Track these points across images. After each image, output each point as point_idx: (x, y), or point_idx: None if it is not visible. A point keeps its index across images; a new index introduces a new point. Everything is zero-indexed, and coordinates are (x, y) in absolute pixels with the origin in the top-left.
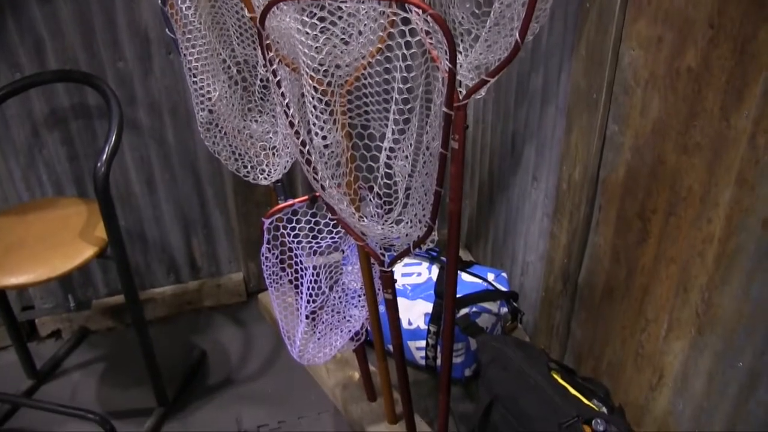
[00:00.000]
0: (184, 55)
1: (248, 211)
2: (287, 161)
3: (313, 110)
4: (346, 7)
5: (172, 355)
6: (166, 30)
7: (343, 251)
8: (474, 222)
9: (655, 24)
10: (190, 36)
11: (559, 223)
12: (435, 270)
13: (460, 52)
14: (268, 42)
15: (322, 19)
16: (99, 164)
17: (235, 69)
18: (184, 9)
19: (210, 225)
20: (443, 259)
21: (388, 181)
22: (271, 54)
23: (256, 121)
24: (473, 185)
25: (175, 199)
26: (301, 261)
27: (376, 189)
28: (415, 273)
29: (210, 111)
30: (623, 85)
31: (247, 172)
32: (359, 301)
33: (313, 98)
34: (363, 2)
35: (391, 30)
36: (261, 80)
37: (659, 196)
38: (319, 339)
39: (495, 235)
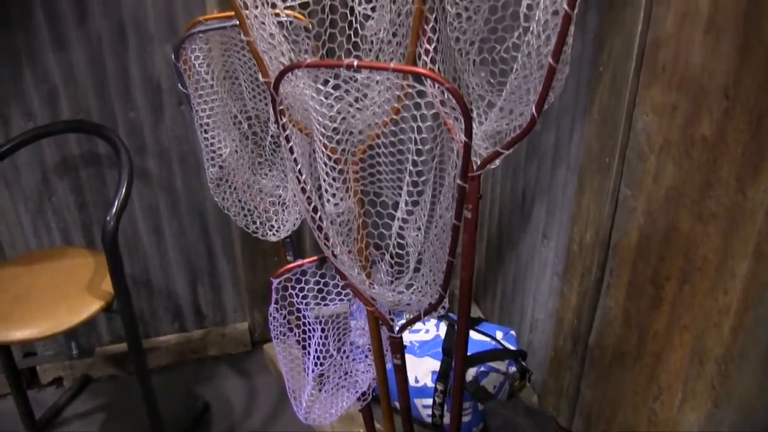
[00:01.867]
0: (196, 111)
1: (255, 261)
2: (297, 218)
3: (326, 177)
4: (360, 76)
5: (175, 405)
6: (179, 85)
7: (350, 303)
8: (482, 275)
9: (669, 91)
10: (202, 92)
11: (569, 284)
12: (443, 327)
13: (474, 119)
14: (281, 107)
15: (336, 87)
16: (108, 218)
17: (246, 124)
18: (197, 65)
19: (216, 274)
20: (451, 316)
21: (400, 251)
22: (284, 120)
23: (266, 175)
24: (482, 239)
25: (182, 247)
26: (309, 322)
27: (387, 256)
28: (423, 330)
29: (220, 167)
30: (636, 150)
31: (256, 228)
32: (367, 358)
33: (326, 165)
34: (378, 73)
35: (406, 102)
36: (272, 136)
37: (673, 263)
38: (325, 399)
39: (503, 290)
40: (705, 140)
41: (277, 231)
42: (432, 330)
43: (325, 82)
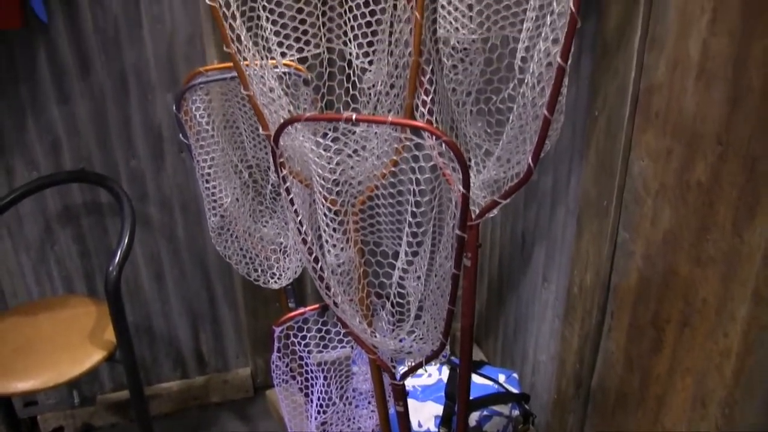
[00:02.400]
0: (197, 161)
1: (257, 308)
2: (298, 266)
3: (326, 228)
4: (359, 129)
5: None
6: (180, 135)
7: (352, 347)
8: (484, 317)
9: (663, 136)
10: (203, 143)
11: (570, 327)
12: (445, 371)
13: (472, 168)
14: (281, 160)
15: (335, 140)
16: (111, 268)
17: (247, 173)
18: (198, 116)
19: (218, 320)
20: (453, 359)
21: (401, 299)
22: (284, 172)
23: (267, 223)
24: (482, 281)
25: (184, 294)
26: (311, 369)
27: (388, 305)
28: (425, 374)
29: (222, 216)
30: (633, 194)
31: (258, 276)
32: (370, 404)
33: (326, 216)
34: (377, 126)
35: (404, 153)
36: (272, 184)
37: (673, 306)
38: None
39: (505, 332)
40: (700, 185)
41: (278, 278)
42: (434, 374)
43: (324, 135)
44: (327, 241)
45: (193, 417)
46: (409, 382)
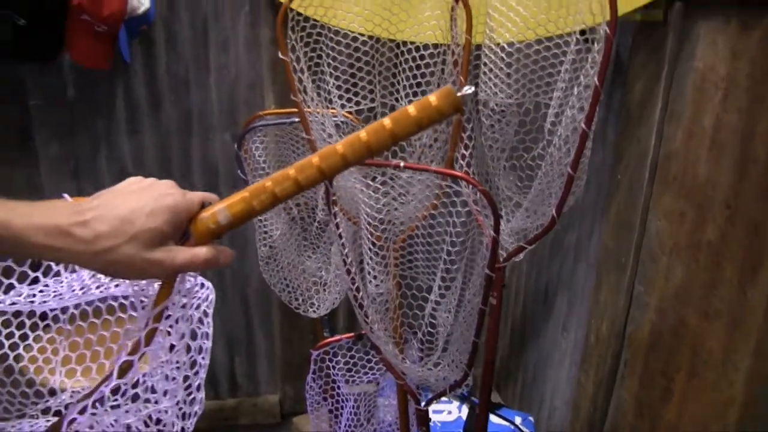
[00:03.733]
0: None
1: (291, 337)
2: (336, 298)
3: (370, 260)
4: (404, 175)
5: None
6: (239, 171)
7: (378, 383)
8: (505, 363)
9: (678, 199)
10: (259, 179)
11: (586, 374)
12: (464, 410)
13: (502, 217)
14: (334, 198)
15: (383, 183)
16: None
17: (296, 210)
18: (257, 155)
19: (253, 346)
20: (473, 399)
21: (432, 330)
22: (335, 209)
23: (310, 257)
24: (506, 327)
25: (223, 319)
26: (342, 393)
27: (419, 334)
28: (445, 411)
29: (270, 247)
30: (650, 252)
31: (299, 304)
32: None
33: (370, 250)
34: (421, 173)
35: (444, 199)
36: (318, 221)
37: (682, 356)
38: None
39: (524, 378)
40: (710, 244)
41: (317, 308)
42: (454, 411)
43: (374, 178)
44: (369, 273)
45: None
46: (431, 418)
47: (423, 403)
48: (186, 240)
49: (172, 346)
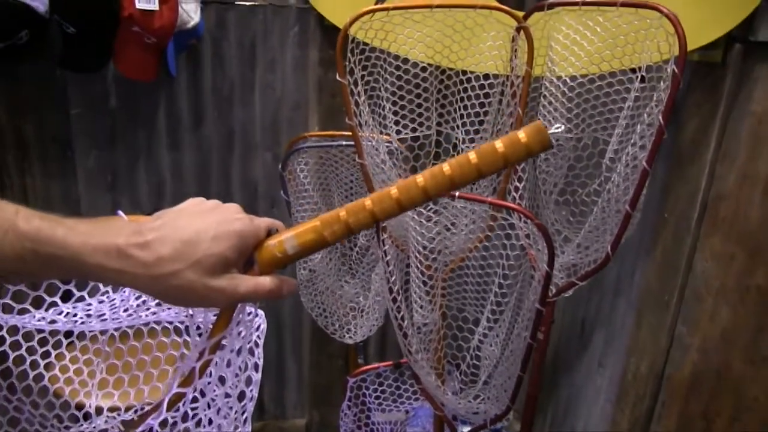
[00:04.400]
0: (294, 216)
1: (321, 362)
2: (373, 324)
3: (418, 290)
4: (458, 204)
5: None
6: (281, 192)
7: (407, 412)
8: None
9: (728, 241)
10: (302, 201)
11: (621, 412)
12: None
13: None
14: (383, 224)
15: (435, 212)
16: None
17: None
18: (301, 176)
19: (283, 369)
20: None
21: (477, 362)
22: (384, 236)
23: (348, 282)
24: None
25: None
26: (377, 422)
27: (463, 366)
28: None
29: (311, 270)
30: (694, 292)
31: (335, 329)
32: None
33: (418, 279)
34: (475, 203)
35: (496, 231)
36: (359, 247)
37: (724, 400)
38: None
39: (555, 412)
40: (759, 289)
41: (353, 334)
42: None
43: (426, 207)
44: (416, 302)
45: None
46: None
47: None
48: (250, 268)
49: (223, 378)
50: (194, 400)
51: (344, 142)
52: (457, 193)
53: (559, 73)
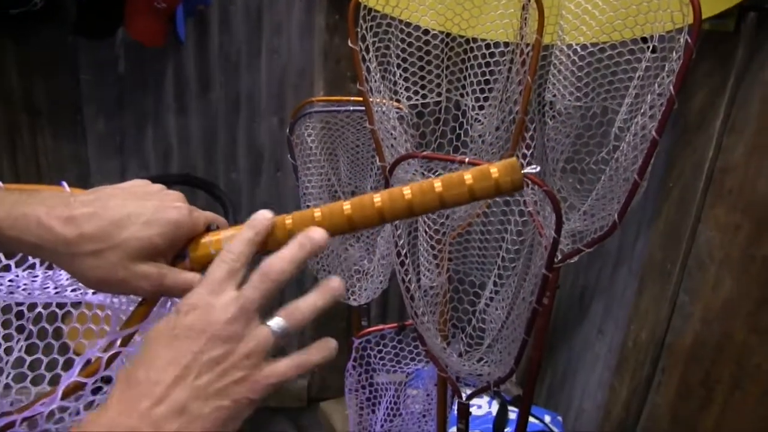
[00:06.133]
0: (302, 180)
1: (322, 323)
2: (377, 287)
3: (425, 254)
4: (464, 167)
5: None
6: (288, 156)
7: (408, 374)
8: None
9: (733, 212)
10: (309, 165)
11: (620, 378)
12: (495, 405)
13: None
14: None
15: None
16: None
17: (344, 197)
18: (309, 141)
19: None
20: (504, 396)
21: (482, 325)
22: None
23: (352, 246)
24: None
25: None
26: (381, 382)
27: (468, 329)
28: (475, 405)
29: None
30: (698, 262)
31: None
32: (420, 427)
33: (426, 243)
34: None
35: (505, 197)
36: None
37: (725, 368)
38: None
39: (552, 378)
40: (765, 259)
41: (357, 297)
42: (484, 407)
43: (435, 172)
44: (423, 265)
45: (248, 417)
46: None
47: (465, 397)
48: (180, 261)
49: None
50: (97, 390)
51: (352, 108)
52: (466, 159)
53: (570, 42)
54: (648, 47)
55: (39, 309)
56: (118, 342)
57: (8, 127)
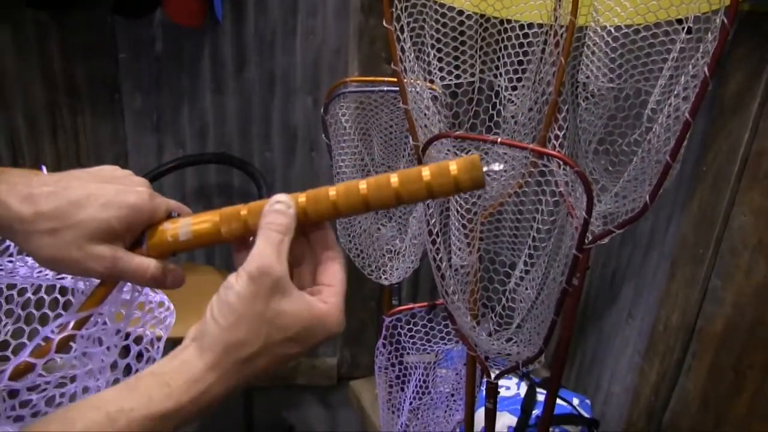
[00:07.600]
0: (335, 159)
1: (353, 303)
2: (409, 267)
3: (457, 232)
4: (499, 150)
5: (264, 421)
6: (323, 136)
7: (437, 354)
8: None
9: None
10: (343, 144)
11: (650, 362)
12: (523, 387)
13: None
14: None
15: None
16: None
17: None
18: (343, 120)
19: None
20: (533, 378)
21: (512, 305)
22: None
23: (384, 225)
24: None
25: None
26: (410, 361)
27: (498, 309)
28: (504, 386)
29: None
30: (731, 246)
31: (371, 271)
32: (448, 407)
33: (458, 222)
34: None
35: (529, 179)
36: None
37: (757, 353)
38: None
39: (581, 361)
40: None
41: (389, 276)
42: (513, 388)
43: (467, 152)
44: (455, 244)
45: (278, 395)
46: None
47: (493, 376)
48: (137, 247)
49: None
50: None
51: (386, 88)
52: (498, 139)
53: (604, 23)
54: (683, 28)
55: (29, 294)
56: (71, 324)
57: (49, 108)
